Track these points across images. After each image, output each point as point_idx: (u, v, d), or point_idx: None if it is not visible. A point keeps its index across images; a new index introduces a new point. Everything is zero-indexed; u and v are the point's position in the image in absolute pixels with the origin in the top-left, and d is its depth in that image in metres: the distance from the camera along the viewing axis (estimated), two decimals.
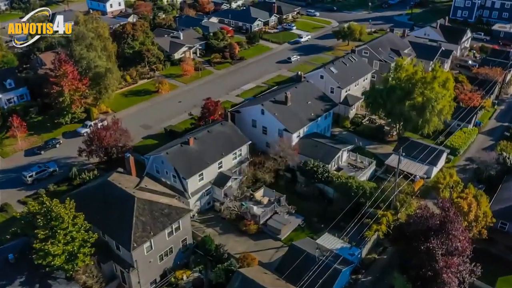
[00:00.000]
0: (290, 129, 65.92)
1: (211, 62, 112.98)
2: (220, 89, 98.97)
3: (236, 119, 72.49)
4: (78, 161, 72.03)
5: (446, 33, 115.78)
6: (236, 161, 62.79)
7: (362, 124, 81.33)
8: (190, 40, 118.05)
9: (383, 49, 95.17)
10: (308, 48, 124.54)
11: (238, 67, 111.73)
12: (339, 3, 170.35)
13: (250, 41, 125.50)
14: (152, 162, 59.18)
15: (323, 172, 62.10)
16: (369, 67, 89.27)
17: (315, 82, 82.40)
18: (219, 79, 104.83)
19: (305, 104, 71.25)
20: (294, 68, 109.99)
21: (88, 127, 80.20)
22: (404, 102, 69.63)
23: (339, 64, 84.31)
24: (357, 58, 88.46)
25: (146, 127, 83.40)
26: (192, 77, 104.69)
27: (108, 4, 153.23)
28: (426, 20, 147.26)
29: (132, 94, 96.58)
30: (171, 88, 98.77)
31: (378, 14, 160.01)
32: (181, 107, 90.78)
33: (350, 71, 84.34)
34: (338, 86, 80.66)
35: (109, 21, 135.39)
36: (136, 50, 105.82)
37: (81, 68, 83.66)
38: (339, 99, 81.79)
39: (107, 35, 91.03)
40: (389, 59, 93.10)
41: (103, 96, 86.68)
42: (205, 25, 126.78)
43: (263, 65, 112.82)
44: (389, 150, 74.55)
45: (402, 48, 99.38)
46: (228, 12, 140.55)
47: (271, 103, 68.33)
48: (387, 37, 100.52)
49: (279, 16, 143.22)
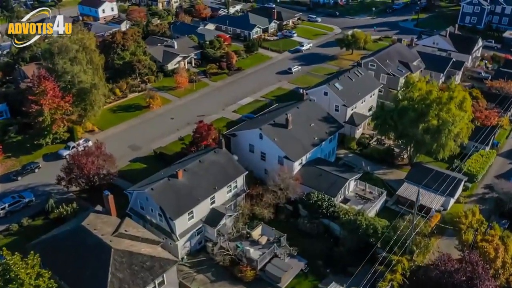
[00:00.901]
0: (291, 157, 59.19)
1: (206, 73, 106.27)
2: (215, 103, 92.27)
3: (232, 143, 65.89)
4: (58, 189, 65.41)
5: (456, 42, 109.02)
6: (231, 194, 56.07)
7: (369, 146, 74.60)
8: (184, 49, 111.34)
9: (390, 61, 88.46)
10: (310, 57, 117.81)
11: (236, 79, 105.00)
12: (341, 8, 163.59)
13: (249, 50, 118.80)
14: (136, 197, 52.44)
15: (328, 207, 55.46)
16: (377, 82, 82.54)
17: (318, 99, 75.73)
18: (214, 92, 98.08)
19: (308, 126, 64.52)
20: (295, 80, 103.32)
21: (70, 148, 73.61)
22: (417, 124, 62.96)
23: (344, 79, 77.59)
24: (363, 72, 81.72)
25: (134, 148, 76.66)
26: (186, 90, 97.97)
27: (100, 10, 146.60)
28: (433, 26, 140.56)
29: (121, 110, 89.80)
30: (163, 103, 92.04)
31: (382, 19, 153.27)
32: (173, 125, 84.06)
33: (356, 87, 77.63)
34: (343, 104, 73.96)
35: (101, 28, 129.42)
36: (126, 61, 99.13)
37: (65, 84, 77.03)
38: (345, 118, 75.08)
39: (94, 47, 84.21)
40: (397, 72, 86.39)
41: (88, 114, 79.88)
42: (201, 33, 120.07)
43: (262, 76, 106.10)
44: (400, 175, 67.88)
45: (411, 59, 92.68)
46: (226, 19, 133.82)
47: (270, 126, 61.59)
48: (394, 47, 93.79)
49: (279, 22, 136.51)
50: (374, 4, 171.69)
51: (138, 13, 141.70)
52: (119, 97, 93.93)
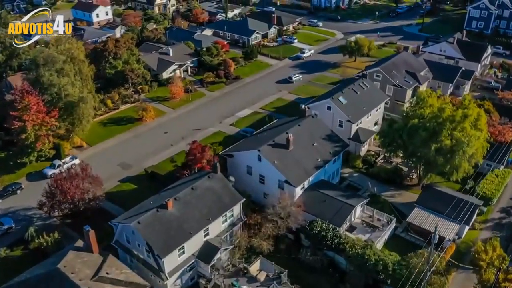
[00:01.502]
0: (292, 182, 54.34)
1: (203, 82, 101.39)
2: (212, 115, 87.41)
3: (228, 163, 61.08)
4: (40, 213, 60.55)
5: (464, 49, 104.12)
6: (226, 223, 51.21)
7: (375, 164, 69.72)
8: (180, 57, 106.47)
9: (397, 72, 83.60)
10: (311, 64, 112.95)
11: (234, 88, 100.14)
12: (343, 12, 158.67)
13: (247, 57, 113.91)
14: (122, 230, 47.58)
15: (333, 238, 50.63)
16: (383, 95, 77.65)
17: (321, 114, 71.00)
18: (211, 103, 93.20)
19: (311, 146, 59.64)
20: (295, 90, 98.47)
21: (56, 167, 68.79)
22: (429, 145, 58.10)
23: (349, 92, 72.72)
24: (368, 84, 76.85)
25: (124, 166, 71.79)
26: (182, 100, 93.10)
27: (94, 14, 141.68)
28: (438, 31, 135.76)
29: (112, 123, 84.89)
30: (157, 115, 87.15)
31: (385, 24, 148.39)
32: (166, 140, 79.23)
33: (361, 101, 72.78)
34: (348, 119, 69.07)
35: (94, 33, 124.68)
36: (118, 70, 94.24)
37: (51, 97, 72.25)
38: (349, 135, 70.25)
39: (82, 57, 79.46)
40: (404, 84, 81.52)
41: (76, 129, 74.97)
42: (197, 39, 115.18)
43: (261, 85, 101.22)
44: (409, 198, 63.07)
45: (418, 69, 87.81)
46: (224, 24, 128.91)
47: (269, 147, 56.72)
48: (401, 56, 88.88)
49: (279, 27, 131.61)
50: (376, 8, 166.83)
51: (133, 18, 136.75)
52: (111, 109, 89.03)
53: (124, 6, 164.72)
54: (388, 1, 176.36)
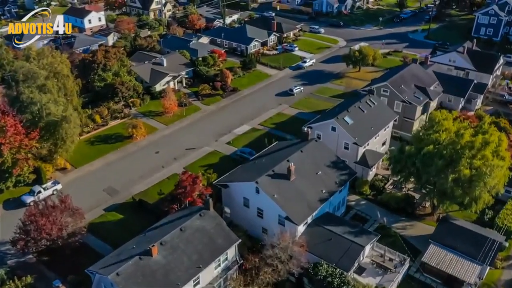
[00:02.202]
0: (294, 219, 48.51)
1: (198, 94, 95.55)
2: (207, 133, 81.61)
3: (223, 194, 55.34)
4: (16, 249, 54.68)
5: (475, 60, 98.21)
6: (220, 269, 45.41)
7: (384, 190, 63.88)
8: (175, 67, 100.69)
9: (406, 86, 77.77)
10: (313, 75, 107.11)
11: (231, 101, 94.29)
12: (345, 18, 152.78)
13: (245, 67, 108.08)
14: (99, 280, 41.72)
15: (340, 284, 44.83)
16: (392, 113, 71.78)
17: (324, 135, 65.28)
18: (207, 119, 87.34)
19: (314, 176, 53.82)
20: (297, 103, 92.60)
21: (36, 194, 63.05)
22: (446, 174, 52.30)
23: (355, 111, 66.90)
24: (376, 101, 71.05)
25: (111, 191, 65.94)
26: (175, 115, 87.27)
27: (86, 20, 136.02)
28: (445, 38, 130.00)
29: (100, 141, 79.01)
30: (148, 132, 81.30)
31: (390, 30, 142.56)
32: (158, 161, 73.42)
33: (369, 120, 66.96)
34: (354, 142, 63.23)
35: (86, 41, 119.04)
36: (108, 83, 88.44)
37: (32, 115, 66.50)
38: (356, 158, 64.47)
39: (67, 72, 73.68)
40: (414, 100, 75.67)
41: (59, 150, 69.15)
42: (193, 48, 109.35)
43: (260, 98, 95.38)
44: (423, 230, 57.36)
45: (428, 83, 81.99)
46: (221, 31, 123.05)
47: (268, 178, 50.88)
48: (410, 69, 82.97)
49: (279, 34, 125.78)
50: (380, 13, 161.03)
51: (127, 24, 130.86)
52: (99, 125, 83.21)
53: (119, 11, 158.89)
54: (392, 6, 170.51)
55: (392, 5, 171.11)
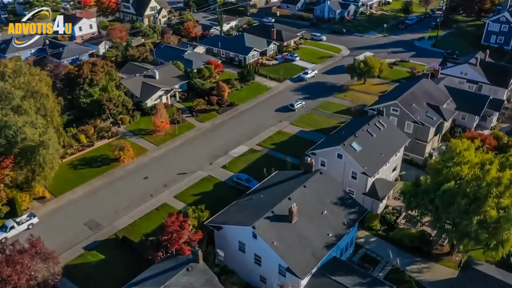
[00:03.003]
0: (297, 271, 42.02)
1: (193, 110, 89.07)
2: (201, 154, 75.17)
3: (216, 236, 48.87)
4: None
5: (488, 72, 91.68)
6: None
7: (396, 225, 57.40)
8: (168, 80, 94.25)
9: (417, 105, 71.31)
10: (315, 87, 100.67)
11: (227, 118, 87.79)
12: (348, 24, 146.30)
13: (243, 78, 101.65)
14: None
15: None
16: (403, 137, 65.27)
17: (330, 163, 58.93)
18: (201, 138, 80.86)
19: (319, 216, 47.40)
20: (298, 120, 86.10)
21: (8, 230, 56.62)
22: (469, 215, 45.82)
23: (363, 135, 60.44)
24: (386, 122, 64.63)
25: (93, 225, 59.41)
26: (167, 134, 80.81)
27: (76, 28, 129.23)
28: (453, 47, 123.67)
29: (85, 164, 72.48)
30: (137, 153, 74.81)
31: (395, 37, 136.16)
32: (146, 187, 66.97)
33: (378, 146, 60.53)
34: (363, 172, 56.75)
35: (75, 50, 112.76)
36: (94, 99, 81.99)
37: (6, 140, 60.03)
38: (364, 189, 58.06)
39: (46, 91, 67.24)
40: (427, 120, 69.19)
41: (37, 177, 62.68)
42: (188, 58, 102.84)
43: (258, 114, 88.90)
44: (441, 274, 51.00)
45: (441, 100, 75.55)
46: (218, 40, 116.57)
47: (267, 221, 44.41)
48: (421, 86, 76.45)
49: (279, 43, 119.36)
50: (384, 18, 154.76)
51: (119, 32, 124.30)
52: (84, 145, 76.72)
53: (112, 17, 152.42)
54: (396, 11, 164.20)
55: (397, 10, 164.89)
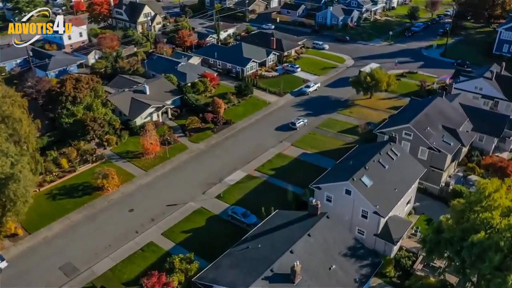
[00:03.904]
0: None
1: (186, 129, 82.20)
2: (193, 182, 68.37)
3: None
4: None
5: (505, 87, 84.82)
6: None
7: (413, 272, 50.47)
8: (159, 95, 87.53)
9: (432, 128, 64.38)
10: (318, 102, 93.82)
11: (223, 138, 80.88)
12: (352, 31, 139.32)
13: (241, 93, 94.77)
14: None
15: None
16: (419, 167, 58.36)
17: (337, 199, 52.21)
18: (194, 162, 73.98)
19: (327, 272, 40.54)
20: (300, 141, 79.21)
21: None
22: (503, 273, 38.92)
23: (374, 167, 53.56)
24: (399, 151, 57.76)
25: (69, 270, 52.56)
26: (157, 157, 74.06)
27: (65, 36, 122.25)
28: (463, 56, 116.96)
29: (64, 194, 65.63)
30: (123, 180, 68.02)
31: (401, 45, 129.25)
32: (132, 222, 60.21)
33: (391, 179, 53.72)
34: (375, 211, 49.86)
35: (63, 60, 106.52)
36: (78, 118, 75.16)
37: None
38: (376, 230, 51.22)
39: (19, 115, 60.36)
40: (443, 146, 62.25)
41: (8, 213, 55.76)
42: (181, 71, 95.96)
43: (257, 134, 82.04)
44: None
45: (458, 122, 68.66)
46: (214, 50, 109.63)
47: (265, 283, 37.53)
48: (435, 106, 69.42)
49: (279, 53, 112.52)
50: (389, 25, 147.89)
51: (110, 41, 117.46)
52: (66, 171, 69.93)
53: (104, 23, 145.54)
54: (401, 17, 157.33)
55: (402, 16, 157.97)
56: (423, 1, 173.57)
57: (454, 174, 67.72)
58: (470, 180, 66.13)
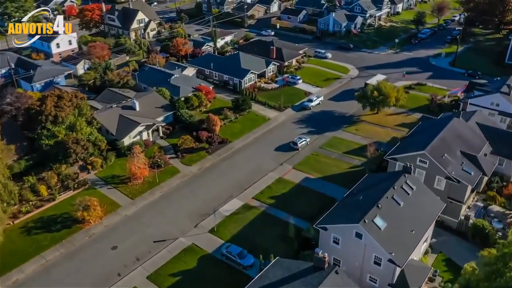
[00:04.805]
0: None
1: (178, 150, 75.67)
2: (184, 212, 61.92)
3: None
4: None
5: None
6: None
7: None
8: (150, 111, 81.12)
9: (450, 154, 57.83)
10: (321, 118, 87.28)
11: (218, 160, 74.32)
12: (355, 39, 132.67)
13: (238, 107, 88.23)
14: None
15: None
16: (438, 202, 51.82)
17: (345, 241, 45.82)
18: (186, 188, 67.43)
19: None
20: (302, 163, 72.62)
21: None
22: None
23: (388, 205, 47.05)
24: (415, 184, 51.21)
25: None
26: (146, 183, 67.59)
27: (53, 44, 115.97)
28: (474, 65, 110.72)
29: (41, 227, 59.03)
30: (107, 210, 61.50)
31: (407, 54, 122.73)
32: (114, 261, 53.70)
33: (407, 218, 47.27)
34: (390, 259, 43.32)
35: (50, 71, 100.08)
36: (59, 140, 68.62)
37: None
38: (391, 279, 44.68)
39: None
40: (463, 176, 55.62)
41: None
42: (174, 84, 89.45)
43: (255, 155, 75.50)
44: None
45: (477, 146, 62.10)
46: (210, 60, 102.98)
47: None
48: (452, 128, 62.77)
49: (279, 63, 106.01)
50: (394, 31, 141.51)
51: (100, 50, 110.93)
52: (44, 200, 63.44)
53: (96, 30, 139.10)
54: (407, 23, 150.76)
55: (407, 21, 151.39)
56: (429, 5, 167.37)
57: (473, 204, 61.18)
58: (491, 212, 59.63)
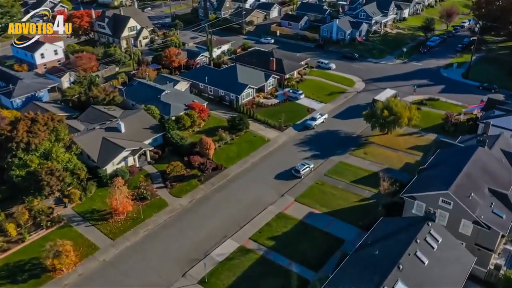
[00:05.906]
0: None
1: (166, 178, 67.87)
2: (171, 257, 54.01)
3: None
4: None
5: None
6: None
7: None
8: (137, 133, 73.35)
9: (477, 193, 50.00)
10: (325, 139, 79.48)
11: (211, 189, 66.48)
12: (360, 47, 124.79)
13: (235, 127, 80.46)
14: None
15: None
16: (468, 257, 43.99)
17: None
18: (174, 226, 59.56)
19: None
20: (305, 194, 64.77)
21: None
22: None
23: (410, 263, 39.26)
24: (441, 234, 43.41)
25: None
26: (129, 219, 59.84)
27: (37, 54, 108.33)
28: (488, 77, 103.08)
29: (5, 277, 51.24)
30: (83, 254, 53.85)
31: (416, 64, 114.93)
32: None
33: (433, 280, 39.47)
34: None
35: (33, 85, 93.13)
36: (31, 170, 60.74)
37: None
38: None
39: None
40: (493, 221, 47.78)
41: None
42: (165, 101, 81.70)
43: (253, 184, 67.62)
44: None
45: (506, 180, 54.28)
46: (205, 73, 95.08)
47: None
48: (477, 161, 54.78)
49: (279, 76, 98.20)
50: (401, 38, 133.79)
51: (87, 61, 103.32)
52: (12, 241, 55.68)
53: (86, 37, 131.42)
54: (414, 29, 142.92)
55: (415, 28, 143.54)
56: (436, 10, 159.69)
57: (502, 249, 53.35)
58: None
